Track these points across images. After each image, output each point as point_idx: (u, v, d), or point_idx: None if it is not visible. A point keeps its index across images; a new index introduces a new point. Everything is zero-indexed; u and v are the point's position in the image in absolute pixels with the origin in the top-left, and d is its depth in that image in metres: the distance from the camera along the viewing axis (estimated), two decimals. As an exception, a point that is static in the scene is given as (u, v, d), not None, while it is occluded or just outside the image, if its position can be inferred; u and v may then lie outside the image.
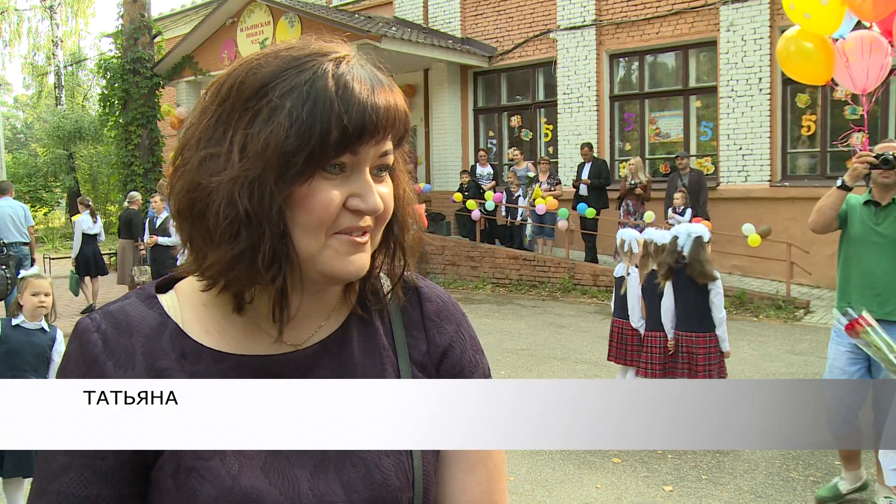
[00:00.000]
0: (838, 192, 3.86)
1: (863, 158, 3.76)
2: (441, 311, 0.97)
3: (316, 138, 0.77)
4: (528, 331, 8.88)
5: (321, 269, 0.82)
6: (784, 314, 9.42)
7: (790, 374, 6.63)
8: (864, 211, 3.87)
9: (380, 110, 0.80)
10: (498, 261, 12.40)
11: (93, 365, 0.82)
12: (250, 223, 0.77)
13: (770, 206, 11.17)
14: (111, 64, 15.46)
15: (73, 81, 33.13)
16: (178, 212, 0.82)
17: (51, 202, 25.42)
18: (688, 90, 12.52)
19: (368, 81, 0.81)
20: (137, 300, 0.88)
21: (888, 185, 3.77)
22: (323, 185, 0.79)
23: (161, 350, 0.84)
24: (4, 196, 9.66)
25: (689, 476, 4.48)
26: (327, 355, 0.89)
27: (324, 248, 0.81)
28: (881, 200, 3.83)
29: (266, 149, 0.77)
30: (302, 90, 0.78)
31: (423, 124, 15.66)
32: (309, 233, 0.80)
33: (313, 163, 0.78)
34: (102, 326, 0.84)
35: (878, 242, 3.79)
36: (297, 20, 13.51)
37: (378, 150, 0.82)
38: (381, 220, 0.85)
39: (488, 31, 14.59)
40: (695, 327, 4.96)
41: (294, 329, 0.88)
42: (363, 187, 0.81)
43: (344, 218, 0.81)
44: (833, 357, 3.97)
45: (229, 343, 0.86)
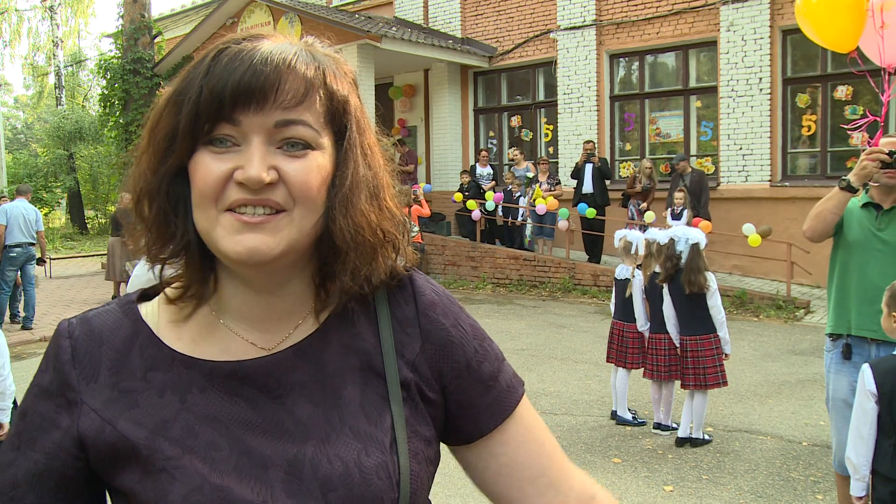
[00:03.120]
0: (842, 194, 3.30)
1: (874, 155, 3.21)
2: (436, 305, 0.93)
3: (186, 113, 0.78)
4: (528, 331, 8.88)
5: (217, 249, 0.80)
6: (784, 314, 9.42)
7: (790, 374, 6.63)
8: (863, 215, 3.37)
9: (258, 77, 0.77)
10: (498, 261, 12.40)
11: (60, 371, 0.84)
12: (150, 201, 0.82)
13: (770, 206, 11.17)
14: (111, 64, 15.46)
15: (73, 82, 33.14)
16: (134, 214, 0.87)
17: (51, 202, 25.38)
18: (688, 90, 12.52)
19: (264, 53, 0.78)
20: (116, 307, 0.89)
21: (892, 187, 3.28)
22: (206, 158, 0.78)
23: (128, 369, 0.84)
24: (21, 197, 9.79)
25: (689, 476, 4.47)
26: (303, 359, 0.86)
27: (216, 224, 0.79)
28: (883, 203, 3.32)
29: (154, 136, 0.81)
30: (188, 77, 0.80)
31: (423, 124, 15.66)
32: (198, 207, 0.80)
33: (190, 137, 0.78)
34: (76, 333, 0.86)
35: (881, 250, 3.29)
36: (298, 20, 13.50)
37: (269, 120, 0.77)
38: (300, 199, 0.79)
39: (488, 31, 14.59)
40: (697, 330, 4.95)
41: (266, 332, 0.86)
42: (245, 157, 0.78)
43: (231, 192, 0.78)
44: (834, 388, 3.46)
45: (202, 349, 0.85)
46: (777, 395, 6.12)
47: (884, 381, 2.64)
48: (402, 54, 13.29)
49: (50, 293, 12.60)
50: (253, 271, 0.83)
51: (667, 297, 5.06)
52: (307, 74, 0.80)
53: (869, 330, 3.29)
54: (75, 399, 0.82)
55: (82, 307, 11.07)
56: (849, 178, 3.28)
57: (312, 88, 0.80)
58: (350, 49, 13.04)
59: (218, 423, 0.82)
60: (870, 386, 2.66)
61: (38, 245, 9.74)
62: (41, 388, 0.84)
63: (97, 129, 21.73)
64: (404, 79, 15.68)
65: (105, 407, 0.82)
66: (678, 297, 4.99)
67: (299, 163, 0.79)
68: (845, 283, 3.40)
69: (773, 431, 5.24)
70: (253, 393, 0.84)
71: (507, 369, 0.95)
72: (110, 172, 17.85)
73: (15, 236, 9.39)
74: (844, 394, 3.38)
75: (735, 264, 11.32)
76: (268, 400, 0.84)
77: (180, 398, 0.83)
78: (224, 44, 0.81)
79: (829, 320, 3.51)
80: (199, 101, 0.77)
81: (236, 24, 14.38)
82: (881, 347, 3.29)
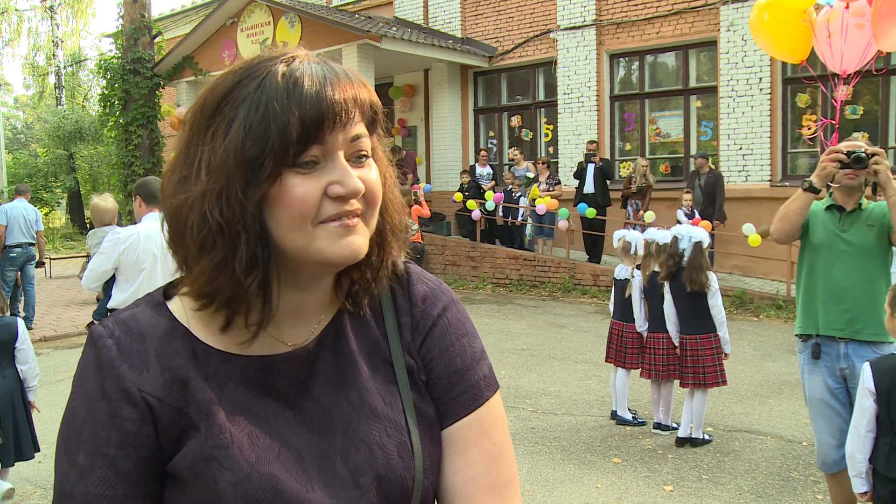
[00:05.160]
0: (805, 195, 3.40)
1: (833, 156, 3.32)
2: (428, 295, 0.98)
3: (274, 138, 0.79)
4: (528, 331, 8.88)
5: (316, 258, 0.83)
6: (784, 314, 9.42)
7: (790, 374, 6.63)
8: (826, 217, 3.45)
9: (335, 98, 0.81)
10: (498, 261, 12.40)
11: (108, 368, 0.85)
12: (223, 233, 0.80)
13: (770, 206, 11.12)
14: (111, 64, 15.44)
15: (73, 82, 33.14)
16: (170, 239, 0.86)
17: (51, 202, 25.40)
18: (688, 90, 12.52)
19: (321, 74, 0.82)
20: (147, 307, 0.91)
21: (853, 189, 3.37)
22: (295, 180, 0.80)
23: (173, 351, 0.87)
24: (20, 197, 9.80)
25: (689, 476, 4.48)
26: (325, 349, 0.92)
27: (313, 238, 0.82)
28: (846, 205, 3.42)
29: (227, 160, 0.80)
30: (253, 97, 0.81)
31: (423, 124, 15.66)
32: (292, 228, 0.82)
33: (279, 162, 0.79)
34: (116, 333, 0.87)
35: (845, 251, 3.38)
36: (298, 20, 13.50)
37: (347, 136, 0.83)
38: (372, 203, 0.87)
39: (488, 31, 14.59)
40: (698, 329, 4.95)
41: (293, 327, 0.91)
42: (340, 172, 0.82)
43: (327, 207, 0.82)
44: (809, 388, 3.52)
45: (235, 344, 0.89)
46: (777, 395, 6.12)
47: (882, 380, 2.65)
48: (402, 54, 13.29)
49: (50, 293, 12.60)
50: (333, 270, 0.89)
51: (668, 295, 5.06)
52: (369, 95, 0.87)
53: (836, 329, 3.38)
54: (131, 389, 0.84)
55: (82, 307, 11.07)
56: (811, 179, 3.37)
57: (366, 104, 0.86)
58: (350, 49, 13.04)
59: (256, 416, 0.87)
60: (868, 384, 2.68)
61: (37, 246, 9.74)
62: (89, 393, 0.85)
63: (97, 129, 21.71)
64: (404, 79, 15.68)
65: (164, 391, 0.84)
66: (679, 296, 4.99)
67: (368, 171, 0.86)
68: (812, 284, 3.48)
69: (773, 431, 5.24)
70: (285, 385, 0.89)
71: (481, 369, 0.97)
72: (110, 172, 17.80)
73: (15, 236, 9.39)
74: (819, 393, 3.45)
75: (735, 264, 11.32)
76: (298, 392, 0.89)
77: (220, 390, 0.86)
78: (269, 61, 0.84)
79: (798, 321, 3.58)
80: (288, 127, 0.79)
81: (236, 24, 14.38)
82: (849, 346, 3.37)
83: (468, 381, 0.95)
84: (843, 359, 3.38)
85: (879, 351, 3.28)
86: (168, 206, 0.85)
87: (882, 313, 3.14)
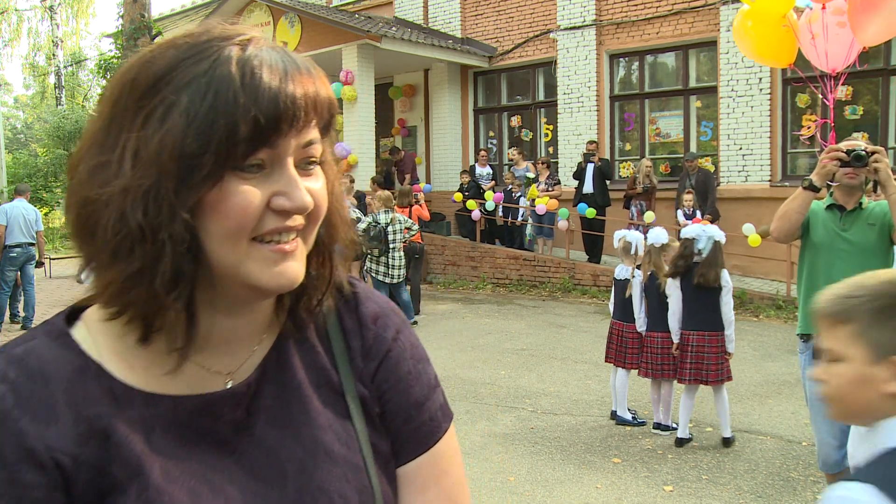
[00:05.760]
0: (805, 193, 3.40)
1: (833, 154, 3.31)
2: (379, 316, 0.87)
3: (221, 135, 0.66)
4: (528, 331, 8.88)
5: (246, 282, 0.72)
6: (784, 314, 9.42)
7: (790, 374, 6.63)
8: (827, 216, 3.46)
9: (296, 95, 0.70)
10: (498, 261, 12.40)
11: (4, 422, 0.67)
12: (144, 239, 0.67)
13: (770, 206, 11.08)
14: (111, 64, 15.47)
15: (73, 82, 33.14)
16: (72, 232, 0.72)
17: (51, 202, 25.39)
18: (688, 90, 12.53)
19: (280, 64, 0.71)
20: (47, 339, 0.74)
21: (853, 188, 3.37)
22: (238, 186, 0.69)
23: (88, 395, 0.71)
24: (20, 197, 9.80)
25: (689, 476, 4.48)
26: (267, 381, 0.80)
27: (246, 257, 0.71)
28: (846, 204, 3.43)
29: (161, 153, 0.67)
30: (200, 81, 0.68)
31: (423, 124, 15.66)
32: (226, 242, 0.70)
33: (222, 163, 0.67)
34: (10, 375, 0.69)
35: (845, 250, 3.38)
36: (297, 20, 13.51)
37: (300, 141, 0.72)
38: (314, 219, 0.75)
39: (488, 31, 14.59)
40: (703, 326, 4.96)
41: (226, 355, 0.78)
42: (288, 183, 0.71)
43: (268, 220, 0.71)
44: (810, 389, 3.49)
45: (159, 380, 0.74)
46: (777, 395, 6.12)
47: None
48: (402, 54, 13.29)
49: (50, 293, 12.60)
50: (265, 297, 0.77)
51: (675, 294, 5.04)
52: (327, 93, 0.74)
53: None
54: (35, 447, 0.67)
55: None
56: (811, 178, 3.38)
57: (324, 104, 0.74)
58: (350, 49, 13.05)
59: (193, 468, 0.73)
60: None
61: (37, 246, 9.73)
62: None
63: (97, 129, 21.70)
64: (404, 79, 15.68)
65: (79, 446, 0.69)
66: (688, 293, 4.99)
67: (315, 181, 0.75)
68: (813, 284, 3.46)
69: (773, 431, 5.24)
70: (221, 428, 0.76)
71: (437, 398, 0.88)
72: (110, 172, 17.86)
73: (15, 236, 9.39)
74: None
75: (735, 264, 11.29)
76: (238, 434, 0.77)
77: (147, 440, 0.72)
78: (221, 41, 0.71)
79: (799, 321, 3.59)
80: (238, 124, 0.67)
81: (236, 25, 14.37)
82: None
83: (426, 413, 0.86)
84: None
85: None
86: (75, 195, 0.71)
87: None
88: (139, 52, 0.73)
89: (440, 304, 11.01)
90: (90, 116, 0.74)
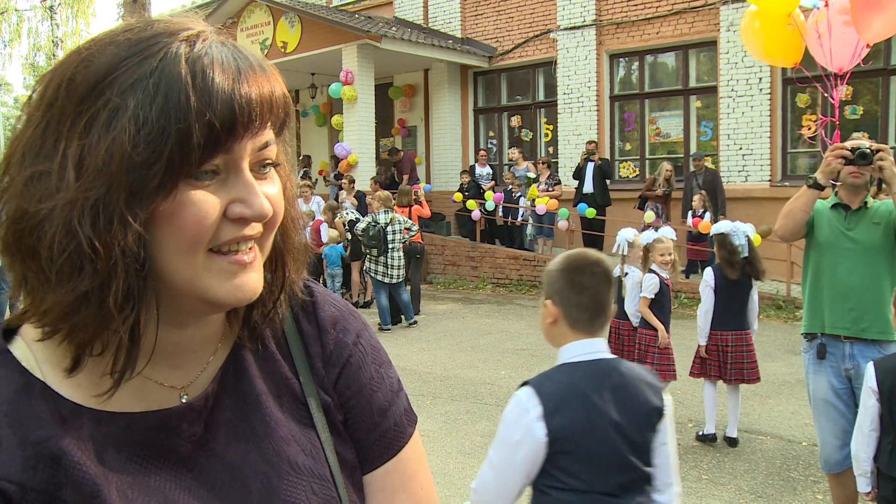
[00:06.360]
0: (810, 192, 3.38)
1: (837, 152, 3.28)
2: (338, 320, 0.84)
3: (173, 142, 0.62)
4: (528, 331, 8.87)
5: (203, 296, 0.68)
6: (784, 314, 9.42)
7: (790, 374, 6.63)
8: (832, 215, 3.45)
9: (251, 96, 0.65)
10: (498, 261, 12.40)
11: None
12: (96, 255, 0.61)
13: (770, 206, 11.15)
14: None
15: (73, 82, 33.13)
16: (5, 248, 0.65)
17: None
18: (688, 90, 12.53)
19: (233, 63, 0.66)
20: None
21: (858, 187, 3.35)
22: (193, 195, 0.64)
23: (34, 416, 0.65)
24: None
25: (689, 476, 4.47)
26: (224, 393, 0.76)
27: (203, 270, 0.67)
28: (851, 204, 3.41)
29: (109, 162, 0.61)
30: (147, 83, 0.62)
31: (423, 124, 15.66)
32: (181, 254, 0.65)
33: (175, 172, 0.62)
34: None
35: (850, 249, 3.36)
36: (297, 20, 13.51)
37: (256, 144, 0.68)
38: (271, 225, 0.72)
39: (488, 31, 14.59)
40: (740, 325, 4.95)
41: (179, 368, 0.74)
42: (244, 189, 0.67)
43: (225, 229, 0.67)
44: (814, 388, 3.52)
45: (106, 396, 0.68)
46: (777, 395, 6.12)
47: (885, 379, 2.65)
48: (401, 54, 13.30)
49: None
50: (221, 310, 0.74)
51: (707, 295, 4.99)
52: (282, 91, 0.70)
53: (842, 328, 3.38)
54: None
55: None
56: (815, 176, 3.36)
57: (279, 103, 0.70)
58: (350, 49, 13.05)
59: (151, 489, 0.69)
60: (871, 383, 2.67)
61: None
62: None
63: (97, 129, 21.73)
64: (404, 79, 15.68)
65: (26, 472, 0.64)
66: (722, 292, 4.95)
67: (271, 186, 0.71)
68: (818, 283, 3.47)
69: (773, 431, 5.24)
70: (179, 445, 0.72)
71: (401, 403, 0.86)
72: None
73: None
74: (824, 393, 3.45)
75: (735, 264, 11.33)
76: (198, 450, 0.73)
77: (100, 461, 0.67)
78: (166, 36, 0.66)
79: (804, 320, 3.59)
80: (192, 129, 0.62)
81: (236, 24, 14.38)
82: (854, 346, 3.37)
83: (391, 419, 0.84)
84: (848, 359, 3.38)
85: (884, 350, 3.28)
86: (14, 210, 0.64)
87: (888, 312, 3.15)
88: (75, 49, 0.67)
89: (440, 304, 11.02)
90: (17, 118, 0.69)
